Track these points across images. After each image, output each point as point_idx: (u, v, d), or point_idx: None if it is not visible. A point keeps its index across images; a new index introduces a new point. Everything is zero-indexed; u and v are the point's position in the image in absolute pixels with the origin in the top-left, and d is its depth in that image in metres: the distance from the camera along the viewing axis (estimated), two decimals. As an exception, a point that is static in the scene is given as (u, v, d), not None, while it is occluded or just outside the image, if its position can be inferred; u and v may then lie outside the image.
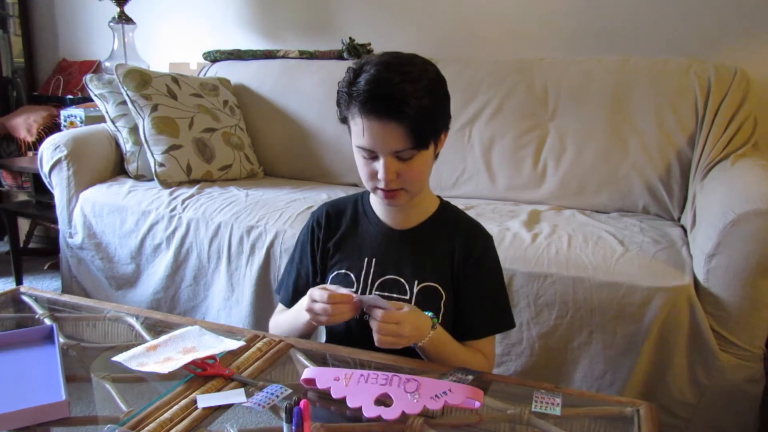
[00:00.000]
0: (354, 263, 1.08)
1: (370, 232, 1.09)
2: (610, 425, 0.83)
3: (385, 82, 0.94)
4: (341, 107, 0.99)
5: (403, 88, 0.93)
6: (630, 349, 1.31)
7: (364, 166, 0.99)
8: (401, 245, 1.07)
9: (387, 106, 0.93)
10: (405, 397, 0.80)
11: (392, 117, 0.93)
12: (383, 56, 1.00)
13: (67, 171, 1.99)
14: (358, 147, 0.98)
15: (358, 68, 0.97)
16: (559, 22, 2.09)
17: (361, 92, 0.93)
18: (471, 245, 1.06)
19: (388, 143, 0.95)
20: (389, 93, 0.93)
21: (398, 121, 0.93)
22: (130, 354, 0.91)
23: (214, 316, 1.74)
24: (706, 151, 1.66)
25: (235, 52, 2.44)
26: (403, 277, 1.06)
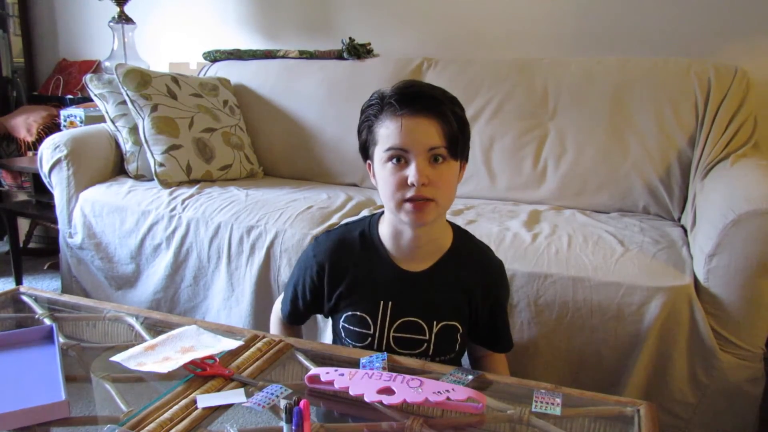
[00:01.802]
0: (368, 306, 1.08)
1: (384, 273, 1.07)
2: (610, 425, 0.83)
3: (418, 85, 1.01)
4: (367, 129, 1.02)
5: (435, 90, 1.00)
6: (630, 349, 1.31)
7: (391, 175, 0.98)
8: (417, 286, 1.07)
9: (422, 102, 0.97)
10: (407, 389, 0.80)
11: (427, 112, 0.96)
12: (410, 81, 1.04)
13: (67, 171, 1.99)
14: (389, 149, 0.97)
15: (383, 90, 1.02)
16: (559, 22, 2.09)
17: (394, 94, 0.98)
18: (488, 280, 1.11)
19: (423, 139, 0.96)
20: (423, 90, 0.99)
21: (432, 117, 0.96)
22: (129, 354, 0.91)
23: (214, 316, 1.74)
24: (706, 151, 1.66)
25: (235, 52, 2.44)
26: (422, 318, 1.07)
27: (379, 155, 1.00)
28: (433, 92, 1.00)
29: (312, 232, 1.58)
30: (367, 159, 1.06)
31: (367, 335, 1.08)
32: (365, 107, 1.03)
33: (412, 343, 1.08)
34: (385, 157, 0.98)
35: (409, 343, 1.08)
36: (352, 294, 1.08)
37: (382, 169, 0.99)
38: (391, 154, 0.97)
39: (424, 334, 1.07)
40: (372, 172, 1.05)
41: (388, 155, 0.98)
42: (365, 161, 1.07)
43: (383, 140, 0.98)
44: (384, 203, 1.03)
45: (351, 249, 1.08)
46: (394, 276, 1.06)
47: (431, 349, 1.08)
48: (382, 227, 1.09)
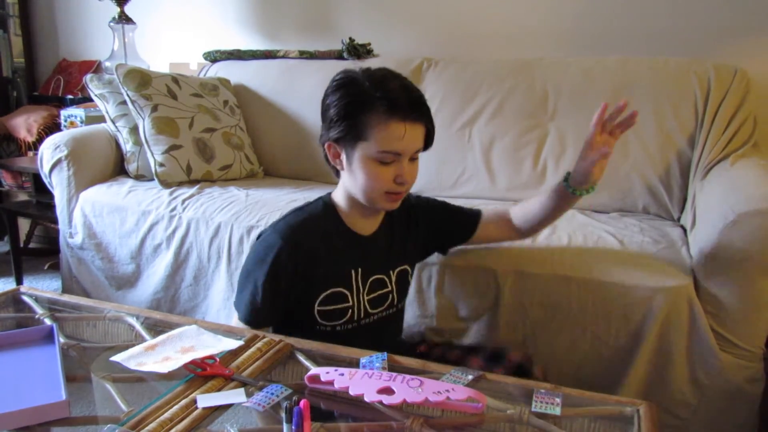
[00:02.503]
0: (342, 278, 1.14)
1: (346, 243, 1.15)
2: (610, 425, 0.83)
3: (413, 88, 1.05)
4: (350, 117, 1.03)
5: (422, 94, 1.06)
6: (630, 348, 1.31)
7: (380, 173, 1.04)
8: (373, 246, 1.17)
9: (420, 109, 1.04)
10: (407, 389, 0.80)
11: (421, 119, 1.04)
12: (381, 69, 1.08)
13: (68, 171, 1.99)
14: (385, 152, 1.02)
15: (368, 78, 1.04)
16: (559, 22, 2.09)
17: (398, 97, 1.01)
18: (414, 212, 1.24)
19: (415, 144, 1.05)
20: (419, 97, 1.05)
21: (422, 122, 1.04)
22: (128, 354, 0.91)
23: (214, 316, 1.74)
24: (706, 151, 1.66)
25: (235, 52, 2.44)
26: (383, 273, 1.19)
27: (365, 151, 1.03)
28: (421, 94, 1.06)
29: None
30: (329, 140, 1.08)
31: (346, 309, 1.14)
32: (347, 90, 1.04)
33: (381, 299, 1.19)
34: (377, 156, 1.03)
35: (379, 301, 1.19)
36: (326, 271, 1.11)
37: (366, 164, 1.04)
38: (385, 156, 1.03)
39: (387, 286, 1.20)
40: (340, 157, 1.08)
41: (381, 157, 1.03)
42: (326, 141, 1.09)
43: (378, 141, 1.02)
44: (356, 191, 1.09)
45: (314, 229, 1.13)
46: (354, 243, 1.15)
47: (395, 298, 1.22)
48: (339, 204, 1.15)
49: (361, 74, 1.05)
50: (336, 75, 1.09)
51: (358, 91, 1.03)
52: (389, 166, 1.04)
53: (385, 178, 1.05)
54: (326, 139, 1.09)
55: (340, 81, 1.06)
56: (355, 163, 1.06)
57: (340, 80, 1.06)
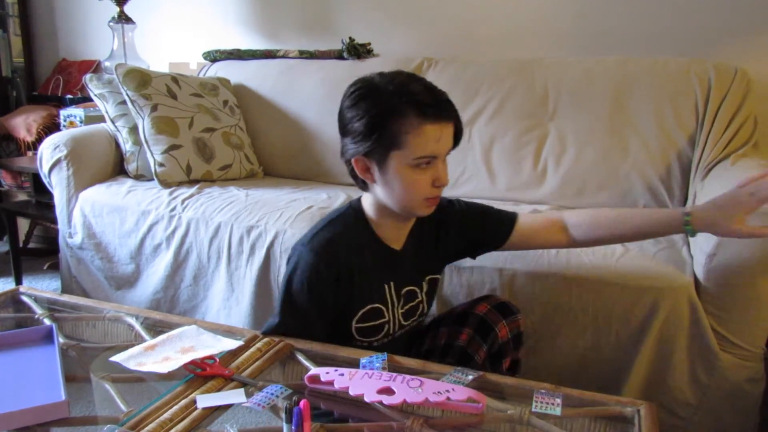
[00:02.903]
0: (379, 294, 1.12)
1: (380, 258, 1.11)
2: (610, 425, 0.83)
3: (436, 88, 1.01)
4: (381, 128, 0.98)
5: (445, 92, 1.02)
6: (630, 348, 1.31)
7: (418, 179, 1.01)
8: (404, 257, 1.14)
9: (449, 108, 1.01)
10: (407, 389, 0.80)
11: (451, 117, 1.01)
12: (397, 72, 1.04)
13: (67, 171, 1.99)
14: (422, 158, 0.99)
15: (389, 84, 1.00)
16: (559, 22, 2.09)
17: (426, 100, 0.98)
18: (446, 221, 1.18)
19: (448, 143, 1.03)
20: (445, 96, 1.01)
21: (452, 121, 1.02)
22: (128, 354, 0.91)
23: (214, 316, 1.74)
24: (707, 151, 1.66)
25: (235, 52, 2.44)
26: (415, 284, 1.17)
27: (400, 160, 0.99)
28: (446, 93, 1.02)
29: (312, 232, 1.58)
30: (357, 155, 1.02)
31: (383, 325, 1.12)
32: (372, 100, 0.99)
33: (413, 310, 1.18)
34: (413, 163, 0.99)
35: (411, 312, 1.18)
36: (363, 287, 1.09)
37: (402, 173, 1.00)
38: (421, 162, 1.00)
39: (418, 297, 1.18)
40: (371, 170, 1.03)
41: (418, 162, 1.00)
42: (352, 156, 1.03)
43: (414, 147, 0.98)
44: (392, 202, 1.05)
45: (349, 243, 1.07)
46: (386, 257, 1.12)
47: (424, 307, 1.21)
48: (369, 216, 1.11)
49: (380, 81, 1.01)
50: (351, 87, 1.04)
51: (382, 99, 0.98)
52: (426, 171, 1.01)
53: (424, 184, 1.02)
54: (353, 154, 1.02)
55: (360, 92, 1.01)
56: (390, 173, 1.01)
57: (359, 91, 1.01)
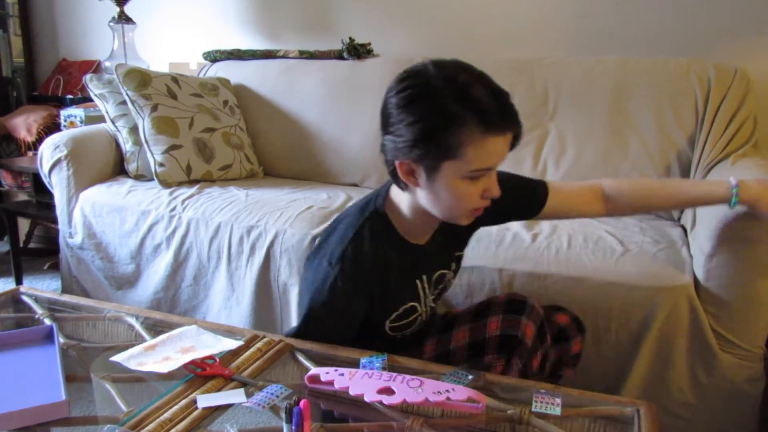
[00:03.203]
0: (411, 292, 1.08)
1: (407, 257, 1.06)
2: (610, 425, 0.83)
3: (501, 91, 0.91)
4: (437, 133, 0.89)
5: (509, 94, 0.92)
6: (630, 349, 1.31)
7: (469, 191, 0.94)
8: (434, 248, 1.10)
9: (514, 116, 0.91)
10: (407, 389, 0.80)
11: (515, 127, 0.92)
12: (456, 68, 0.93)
13: (67, 171, 1.99)
14: (479, 170, 0.91)
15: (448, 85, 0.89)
16: (559, 22, 2.09)
17: (491, 109, 0.88)
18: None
19: (506, 153, 0.94)
20: (510, 100, 0.91)
21: (516, 131, 0.92)
22: (128, 354, 0.91)
23: (215, 316, 1.74)
24: (706, 151, 1.66)
25: (235, 52, 2.44)
26: (446, 267, 1.15)
27: (454, 170, 0.91)
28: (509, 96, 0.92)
29: (312, 232, 1.58)
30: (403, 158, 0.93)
31: (416, 318, 1.11)
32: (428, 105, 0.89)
33: (442, 290, 1.17)
34: (468, 174, 0.91)
35: (440, 293, 1.17)
36: (394, 291, 1.05)
37: (453, 183, 0.92)
38: (477, 173, 0.92)
39: (447, 276, 1.16)
40: (415, 174, 0.94)
41: (473, 174, 0.92)
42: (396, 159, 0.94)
43: (472, 159, 0.89)
44: (434, 209, 0.97)
45: (378, 257, 1.02)
46: (414, 254, 1.07)
47: (451, 281, 1.19)
48: (396, 215, 1.04)
49: (436, 80, 0.90)
50: (402, 82, 0.93)
51: (441, 105, 0.88)
52: (478, 183, 0.93)
53: (475, 196, 0.94)
54: (399, 156, 0.93)
55: (413, 92, 0.91)
56: (438, 183, 0.93)
57: (412, 90, 0.91)
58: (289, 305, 1.62)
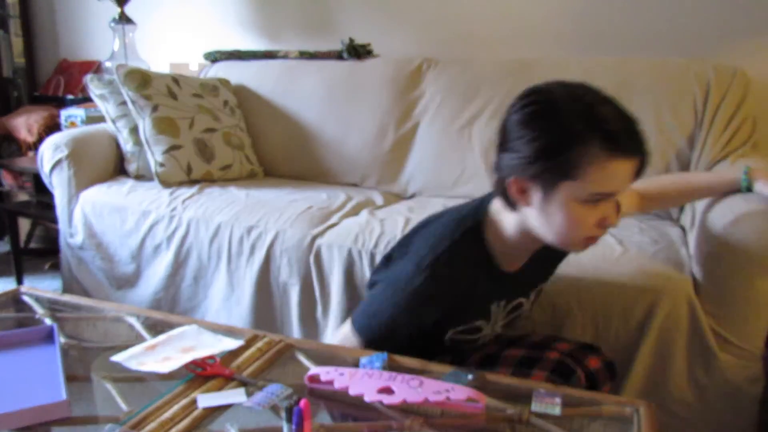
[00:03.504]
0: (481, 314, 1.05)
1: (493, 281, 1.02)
2: (610, 425, 0.83)
3: (629, 115, 0.88)
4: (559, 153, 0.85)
5: (637, 119, 0.89)
6: (629, 348, 1.31)
7: (586, 216, 0.88)
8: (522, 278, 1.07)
9: (641, 141, 0.87)
10: (407, 389, 0.80)
11: (642, 153, 0.87)
12: (582, 88, 0.92)
13: (68, 171, 1.99)
14: (601, 194, 0.87)
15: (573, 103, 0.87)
16: (559, 22, 2.09)
17: (618, 130, 0.85)
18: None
19: (630, 180, 0.89)
20: (638, 125, 0.88)
21: (643, 156, 0.88)
22: (129, 354, 0.91)
23: (215, 316, 1.74)
24: (706, 151, 1.66)
25: (236, 53, 2.44)
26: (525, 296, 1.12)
27: (572, 192, 0.86)
28: (637, 121, 0.89)
29: (312, 232, 1.58)
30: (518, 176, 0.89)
31: (478, 337, 1.09)
32: (551, 122, 0.87)
33: (514, 319, 1.15)
34: (586, 198, 0.87)
35: (512, 321, 1.15)
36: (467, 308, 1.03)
37: (570, 206, 0.87)
38: (596, 197, 0.87)
39: (524, 306, 1.13)
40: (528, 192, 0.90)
41: (592, 198, 0.87)
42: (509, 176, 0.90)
43: (593, 182, 0.85)
44: (545, 232, 0.92)
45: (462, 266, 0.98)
46: (501, 280, 1.03)
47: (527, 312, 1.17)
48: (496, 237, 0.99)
49: (562, 97, 0.89)
50: (526, 98, 0.93)
51: (565, 122, 0.85)
52: (596, 208, 0.87)
53: (591, 222, 0.88)
54: (514, 173, 0.89)
55: (536, 108, 0.90)
56: (554, 204, 0.88)
57: (535, 107, 0.90)
58: (289, 305, 1.62)
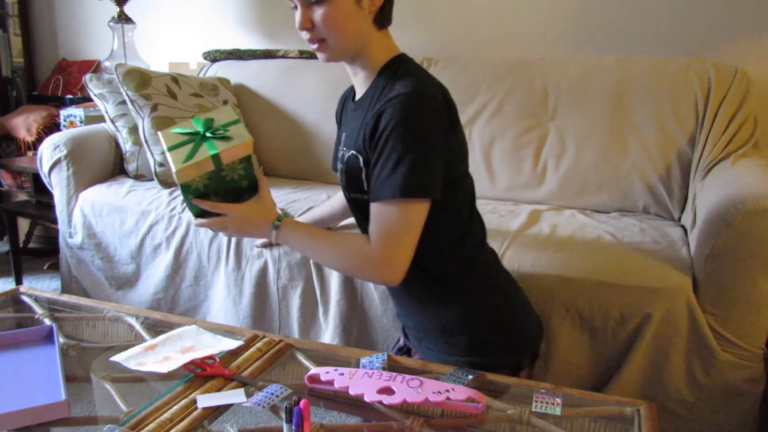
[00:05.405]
0: (339, 138, 1.13)
1: (348, 103, 1.12)
2: (610, 425, 0.83)
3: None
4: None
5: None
6: (629, 349, 1.31)
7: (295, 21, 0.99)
8: (355, 115, 1.06)
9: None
10: (407, 389, 0.80)
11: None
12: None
13: (67, 171, 1.99)
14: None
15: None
16: (559, 22, 2.09)
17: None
18: (380, 114, 0.94)
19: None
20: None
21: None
22: (128, 354, 0.91)
23: (214, 316, 1.74)
24: (707, 150, 1.66)
25: (235, 52, 2.44)
26: (345, 146, 1.06)
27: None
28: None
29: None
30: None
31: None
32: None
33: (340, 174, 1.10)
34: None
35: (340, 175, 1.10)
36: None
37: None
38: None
39: (343, 164, 1.07)
40: None
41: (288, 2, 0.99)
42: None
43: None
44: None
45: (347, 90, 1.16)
46: (350, 105, 1.10)
47: (344, 180, 1.06)
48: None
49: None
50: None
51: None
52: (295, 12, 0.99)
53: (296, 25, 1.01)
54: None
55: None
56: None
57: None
58: (288, 305, 1.62)
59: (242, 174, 1.00)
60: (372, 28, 1.01)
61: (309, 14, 0.97)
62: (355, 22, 0.98)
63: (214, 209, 1.01)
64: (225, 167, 0.97)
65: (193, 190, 0.98)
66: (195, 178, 0.96)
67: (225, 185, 0.99)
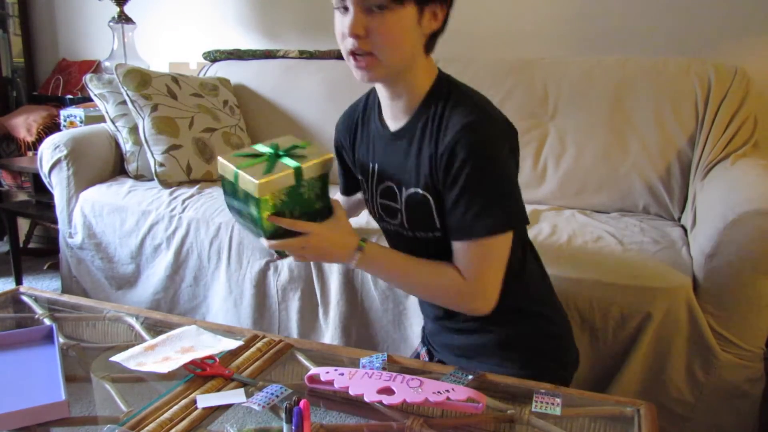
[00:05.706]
0: (365, 168, 1.02)
1: (375, 131, 1.01)
2: (610, 425, 0.83)
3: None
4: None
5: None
6: (630, 349, 1.31)
7: (337, 24, 0.89)
8: (397, 147, 0.97)
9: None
10: (408, 390, 0.80)
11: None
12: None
13: (67, 171, 1.99)
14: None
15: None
16: (559, 22, 2.09)
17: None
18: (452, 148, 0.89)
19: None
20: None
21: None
22: (128, 354, 0.91)
23: (214, 316, 1.74)
24: (707, 150, 1.66)
25: (235, 52, 2.44)
26: (395, 183, 0.98)
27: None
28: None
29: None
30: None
31: (366, 200, 1.07)
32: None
33: (390, 211, 1.01)
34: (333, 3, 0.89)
35: (388, 211, 1.02)
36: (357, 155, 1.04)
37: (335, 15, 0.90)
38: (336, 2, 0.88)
39: (396, 202, 0.99)
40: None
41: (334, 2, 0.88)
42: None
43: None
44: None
45: (356, 107, 1.07)
46: (379, 132, 1.00)
47: (404, 219, 0.99)
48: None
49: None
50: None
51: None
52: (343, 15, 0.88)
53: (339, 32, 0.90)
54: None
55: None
56: None
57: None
58: (288, 306, 1.62)
59: (318, 193, 0.92)
60: (421, 51, 0.94)
61: (365, 20, 0.85)
62: (411, 39, 0.90)
63: (293, 227, 0.90)
64: (305, 182, 0.89)
65: (270, 206, 0.88)
66: (274, 193, 0.87)
67: (301, 204, 0.90)
